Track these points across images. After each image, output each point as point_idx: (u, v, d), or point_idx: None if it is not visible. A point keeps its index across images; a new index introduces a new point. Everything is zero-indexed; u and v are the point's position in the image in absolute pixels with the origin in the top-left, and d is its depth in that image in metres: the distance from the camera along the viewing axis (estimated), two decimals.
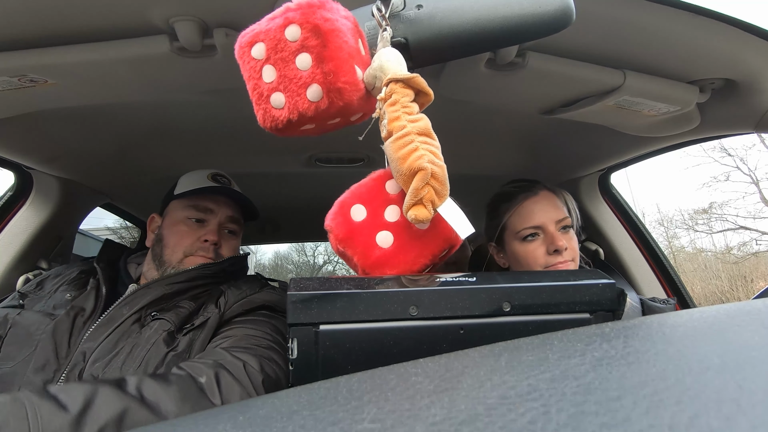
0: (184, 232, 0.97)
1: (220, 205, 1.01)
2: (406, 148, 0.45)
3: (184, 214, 0.98)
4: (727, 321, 0.27)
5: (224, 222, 1.01)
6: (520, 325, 0.41)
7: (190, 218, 0.98)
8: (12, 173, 1.15)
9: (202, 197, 0.99)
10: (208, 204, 0.99)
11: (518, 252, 0.96)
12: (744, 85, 0.83)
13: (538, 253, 0.93)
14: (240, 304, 0.87)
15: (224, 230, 1.01)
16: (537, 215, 0.94)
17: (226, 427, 0.20)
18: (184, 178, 1.05)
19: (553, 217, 0.93)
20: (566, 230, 0.94)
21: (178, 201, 1.00)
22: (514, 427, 0.17)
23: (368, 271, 0.49)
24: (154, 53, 0.69)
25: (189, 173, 1.06)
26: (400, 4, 0.51)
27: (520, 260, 0.96)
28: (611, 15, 0.67)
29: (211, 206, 1.00)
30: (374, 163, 1.35)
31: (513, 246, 0.97)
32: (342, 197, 0.51)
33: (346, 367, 0.38)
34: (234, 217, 1.03)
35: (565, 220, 0.94)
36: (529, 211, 0.95)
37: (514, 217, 0.97)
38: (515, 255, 0.97)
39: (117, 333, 0.79)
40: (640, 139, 1.09)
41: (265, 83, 0.47)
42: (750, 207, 10.48)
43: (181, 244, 0.96)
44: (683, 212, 12.64)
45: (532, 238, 0.94)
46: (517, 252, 0.96)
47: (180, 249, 0.95)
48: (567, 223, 0.94)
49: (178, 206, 1.00)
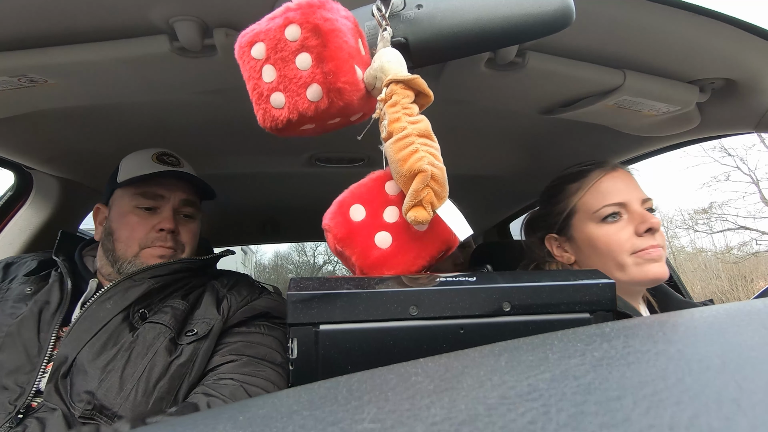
0: (135, 223, 0.88)
1: (172, 189, 0.92)
2: (407, 150, 0.45)
3: (133, 203, 0.89)
4: (727, 321, 0.27)
5: (179, 207, 0.93)
6: (520, 325, 0.41)
7: (139, 207, 0.89)
8: (12, 173, 1.15)
9: (150, 182, 0.90)
10: (157, 190, 0.90)
11: (597, 236, 0.79)
12: (744, 85, 0.84)
13: (623, 235, 0.77)
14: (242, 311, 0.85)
15: (180, 215, 0.94)
16: (620, 191, 0.79)
17: (226, 427, 0.20)
18: (125, 163, 0.94)
19: (638, 195, 0.79)
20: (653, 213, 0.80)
21: (123, 189, 0.91)
22: (514, 427, 0.17)
23: (366, 272, 0.49)
24: (154, 53, 0.69)
25: (130, 155, 0.95)
26: (400, 4, 0.51)
27: (599, 246, 0.79)
28: (611, 15, 0.67)
29: (161, 192, 0.91)
30: (374, 163, 1.35)
31: (588, 230, 0.80)
32: (341, 197, 0.51)
33: (346, 367, 0.38)
34: (189, 200, 0.94)
35: (649, 201, 0.80)
36: (609, 187, 0.80)
37: (589, 196, 0.81)
38: (592, 241, 0.80)
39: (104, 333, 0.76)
40: (640, 139, 1.09)
41: (265, 83, 0.47)
42: (750, 207, 10.49)
43: (134, 236, 0.88)
44: (683, 212, 12.65)
45: (614, 218, 0.78)
46: (594, 237, 0.79)
47: (134, 242, 0.88)
48: (651, 205, 0.80)
49: (124, 195, 0.91)
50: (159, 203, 0.91)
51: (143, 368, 0.72)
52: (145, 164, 0.91)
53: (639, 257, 0.76)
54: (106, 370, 0.72)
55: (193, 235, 0.96)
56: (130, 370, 0.72)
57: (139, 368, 0.72)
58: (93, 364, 0.72)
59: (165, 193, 0.91)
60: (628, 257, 0.76)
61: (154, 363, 0.73)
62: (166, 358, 0.74)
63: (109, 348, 0.74)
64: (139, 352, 0.74)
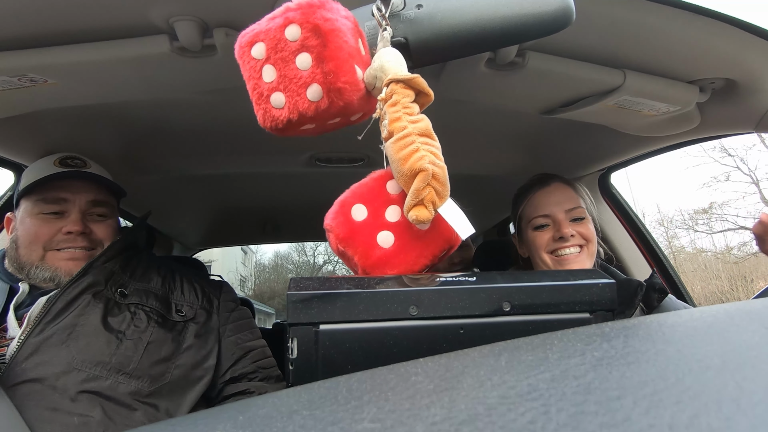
0: (38, 227, 0.86)
1: (77, 192, 0.89)
2: (407, 149, 0.45)
3: (36, 210, 0.87)
4: (727, 321, 0.27)
5: (87, 208, 0.90)
6: (520, 325, 0.41)
7: (43, 213, 0.86)
8: (12, 173, 1.15)
9: (50, 187, 0.87)
10: (60, 193, 0.87)
11: (530, 240, 1.01)
12: (744, 85, 0.83)
13: (544, 240, 0.98)
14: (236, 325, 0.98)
15: (91, 215, 0.91)
16: (546, 205, 0.99)
17: (226, 426, 0.20)
18: (28, 170, 0.91)
19: (562, 207, 0.98)
20: (578, 221, 0.97)
21: (27, 197, 0.88)
22: (514, 426, 0.17)
23: (369, 271, 0.49)
24: (154, 53, 0.69)
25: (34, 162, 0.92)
26: (400, 4, 0.51)
27: (531, 247, 1.01)
28: (611, 15, 0.67)
29: (64, 195, 0.88)
30: (374, 163, 1.35)
31: (527, 234, 1.02)
32: (342, 197, 0.51)
33: (346, 366, 0.38)
34: (98, 200, 0.91)
35: (575, 211, 0.97)
36: (540, 201, 1.00)
37: (528, 207, 1.03)
38: (528, 243, 1.02)
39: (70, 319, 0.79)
40: (640, 139, 1.09)
41: (265, 83, 0.47)
42: (750, 207, 10.45)
43: (38, 240, 0.85)
44: (683, 212, 12.64)
45: (543, 227, 0.99)
46: (529, 240, 1.02)
47: (37, 246, 0.85)
48: (578, 213, 0.97)
49: (27, 203, 0.88)
50: (64, 207, 0.88)
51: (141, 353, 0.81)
52: (46, 169, 0.89)
53: (553, 258, 0.98)
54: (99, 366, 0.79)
55: (111, 232, 0.94)
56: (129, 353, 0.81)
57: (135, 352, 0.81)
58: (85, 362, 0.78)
59: (68, 196, 0.88)
60: (546, 256, 0.98)
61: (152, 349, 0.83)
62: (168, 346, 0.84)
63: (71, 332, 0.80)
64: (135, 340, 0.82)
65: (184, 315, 0.91)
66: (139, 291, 0.89)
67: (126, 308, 0.85)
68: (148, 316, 0.86)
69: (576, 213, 0.98)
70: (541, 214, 0.99)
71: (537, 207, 1.00)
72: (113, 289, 0.87)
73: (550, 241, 0.98)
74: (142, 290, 0.90)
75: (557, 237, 0.96)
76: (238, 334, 0.96)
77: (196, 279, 1.01)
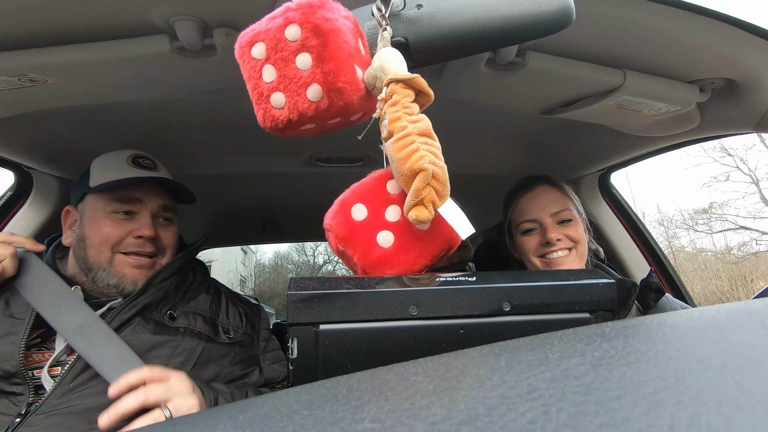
0: (109, 227, 0.84)
1: (150, 194, 0.88)
2: (407, 149, 0.45)
3: (108, 209, 0.85)
4: (727, 321, 0.27)
5: (157, 212, 0.89)
6: (520, 325, 0.41)
7: (116, 212, 0.85)
8: (12, 173, 1.15)
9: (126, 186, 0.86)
10: (135, 193, 0.86)
11: (519, 244, 1.02)
12: (744, 84, 0.83)
13: (533, 244, 0.99)
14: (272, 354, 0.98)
15: (159, 219, 0.90)
16: (532, 210, 0.99)
17: (226, 426, 0.20)
18: (98, 165, 0.89)
19: (548, 211, 0.98)
20: (565, 223, 0.97)
21: (97, 194, 0.86)
22: (514, 426, 0.17)
23: (368, 271, 0.49)
24: (154, 53, 0.69)
25: (102, 157, 0.90)
26: (400, 4, 0.51)
27: (521, 251, 1.02)
28: (611, 15, 0.67)
29: (139, 195, 0.87)
30: (374, 162, 1.35)
31: (516, 239, 1.03)
32: (342, 196, 0.51)
33: (346, 366, 0.38)
34: (167, 205, 0.92)
35: (562, 213, 0.98)
36: (526, 206, 1.01)
37: (515, 213, 1.03)
38: (518, 248, 1.03)
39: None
40: (640, 139, 1.09)
41: (265, 83, 0.47)
42: (750, 207, 10.48)
43: (108, 241, 0.84)
44: (683, 212, 12.64)
45: (530, 231, 1.00)
46: (518, 244, 1.03)
47: (107, 247, 0.84)
48: (565, 216, 0.98)
49: (98, 200, 0.86)
50: (136, 208, 0.87)
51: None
52: (120, 168, 0.87)
53: (543, 261, 0.99)
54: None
55: (174, 239, 0.94)
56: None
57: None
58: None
59: (143, 197, 0.87)
60: (536, 259, 0.99)
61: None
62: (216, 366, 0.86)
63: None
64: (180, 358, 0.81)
65: (231, 338, 0.91)
66: (187, 313, 0.89)
67: (175, 331, 0.84)
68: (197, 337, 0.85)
69: (562, 216, 0.97)
70: (527, 219, 0.99)
71: (523, 212, 1.01)
72: (163, 312, 0.86)
73: (538, 246, 0.98)
74: (191, 312, 0.89)
75: (544, 242, 0.97)
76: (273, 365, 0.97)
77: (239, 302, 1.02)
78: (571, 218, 0.98)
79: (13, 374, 0.72)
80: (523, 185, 1.04)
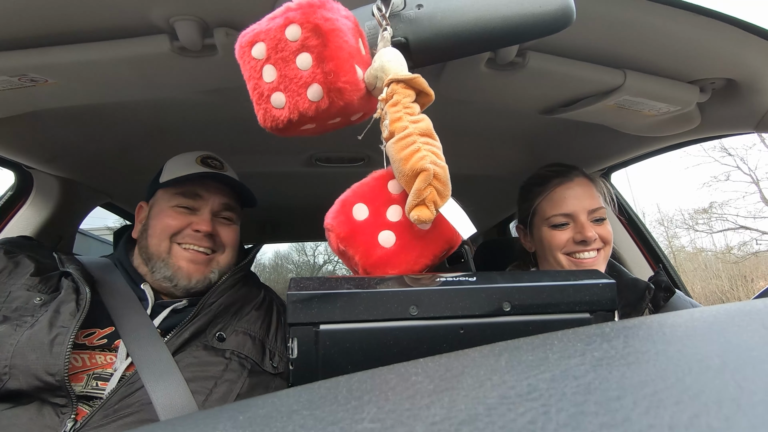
0: (170, 218, 0.88)
1: (212, 192, 0.92)
2: (409, 149, 0.45)
3: (172, 203, 0.90)
4: (727, 321, 0.27)
5: (218, 210, 0.93)
6: (520, 325, 0.41)
7: (179, 206, 0.90)
8: (12, 173, 1.15)
9: (190, 183, 0.91)
10: (197, 189, 0.91)
11: (545, 237, 0.93)
12: (744, 85, 0.83)
13: (563, 239, 0.91)
14: None
15: (218, 218, 0.93)
16: (569, 202, 0.91)
17: (226, 426, 0.20)
18: (170, 163, 0.95)
19: (586, 206, 0.90)
20: (599, 222, 0.91)
21: (165, 189, 0.92)
22: (514, 426, 0.17)
23: (369, 271, 0.49)
24: (154, 53, 0.69)
25: (176, 157, 0.96)
26: (401, 4, 0.51)
27: (545, 245, 0.94)
28: (611, 15, 0.67)
29: (200, 192, 0.91)
30: (374, 162, 1.35)
31: (541, 231, 0.95)
32: (343, 196, 0.51)
33: (346, 366, 0.38)
34: (228, 204, 0.94)
35: (598, 211, 0.91)
36: (561, 197, 0.92)
37: (546, 203, 0.94)
38: (541, 240, 0.95)
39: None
40: (641, 139, 1.09)
41: (266, 83, 0.47)
42: (750, 207, 10.46)
43: (167, 230, 0.87)
44: (683, 212, 12.63)
45: (562, 226, 0.91)
46: (544, 237, 0.94)
47: (165, 235, 0.87)
48: (600, 214, 0.91)
49: (165, 195, 0.92)
50: (198, 203, 0.91)
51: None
52: (188, 166, 0.92)
53: (570, 259, 0.91)
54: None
55: (234, 238, 0.95)
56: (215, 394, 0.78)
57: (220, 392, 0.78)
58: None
59: (204, 194, 0.91)
60: (562, 256, 0.92)
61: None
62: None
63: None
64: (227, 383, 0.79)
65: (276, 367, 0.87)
66: (237, 333, 0.87)
67: (222, 354, 0.82)
68: (242, 365, 0.82)
69: (598, 214, 0.90)
70: (562, 213, 0.91)
71: (557, 204, 0.91)
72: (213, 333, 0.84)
73: (570, 243, 0.90)
74: (241, 332, 0.87)
75: (578, 240, 0.89)
76: None
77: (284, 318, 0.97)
78: (605, 217, 0.92)
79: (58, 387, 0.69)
80: (558, 173, 0.95)
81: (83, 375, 0.73)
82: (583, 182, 0.94)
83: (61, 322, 0.72)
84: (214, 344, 0.83)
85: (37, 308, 0.75)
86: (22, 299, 0.76)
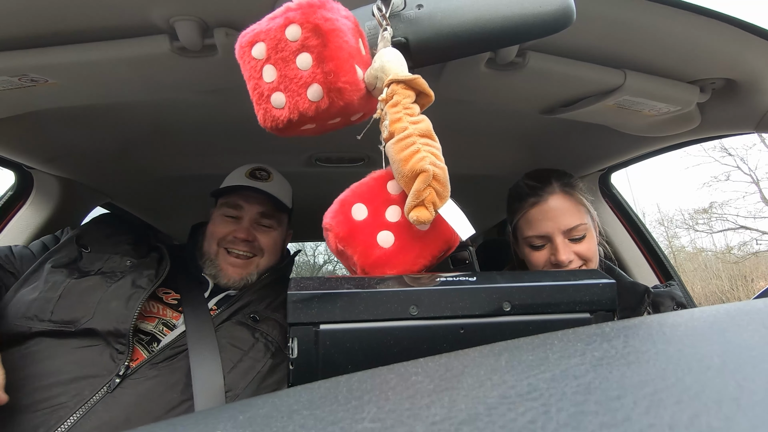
0: (219, 224, 1.04)
1: (250, 202, 1.05)
2: (408, 150, 0.45)
3: (221, 212, 1.06)
4: (727, 321, 0.27)
5: (256, 218, 1.06)
6: (520, 325, 0.41)
7: (226, 215, 1.05)
8: (12, 173, 1.15)
9: (235, 194, 1.05)
10: (239, 200, 1.05)
11: (526, 255, 0.96)
12: (744, 85, 0.83)
13: (541, 259, 0.91)
14: None
15: (258, 225, 1.06)
16: (543, 224, 0.90)
17: (227, 426, 0.20)
18: (229, 175, 1.10)
19: (560, 227, 0.89)
20: (578, 240, 0.89)
21: (220, 198, 1.08)
22: (514, 426, 0.17)
23: (368, 271, 0.49)
24: (154, 53, 0.69)
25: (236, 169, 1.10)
26: (401, 4, 0.51)
27: (527, 261, 0.96)
28: (611, 15, 0.67)
29: (241, 202, 1.04)
30: (374, 162, 1.35)
31: (522, 248, 0.97)
32: (342, 196, 0.51)
33: (347, 366, 0.38)
34: (265, 212, 1.06)
35: (577, 229, 0.88)
36: (536, 219, 0.91)
37: (523, 222, 0.94)
38: (524, 255, 0.97)
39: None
40: (641, 139, 1.09)
41: (266, 83, 0.47)
42: (750, 207, 10.46)
43: (215, 235, 1.03)
44: (683, 212, 12.63)
45: (540, 247, 0.91)
46: (525, 254, 0.96)
47: (214, 240, 1.02)
48: (579, 232, 0.89)
49: (219, 203, 1.08)
50: (240, 212, 1.05)
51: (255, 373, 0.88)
52: (238, 178, 1.06)
53: None
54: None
55: (273, 243, 1.07)
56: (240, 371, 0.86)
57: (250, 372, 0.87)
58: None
59: (245, 204, 1.05)
60: None
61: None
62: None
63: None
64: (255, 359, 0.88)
65: None
66: (269, 320, 0.96)
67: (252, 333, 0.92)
68: (267, 348, 0.91)
69: (576, 232, 0.88)
70: (537, 235, 0.90)
71: (533, 226, 0.91)
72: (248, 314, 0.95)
73: (547, 263, 0.90)
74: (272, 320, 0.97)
75: (554, 261, 0.89)
76: None
77: None
78: (584, 234, 0.89)
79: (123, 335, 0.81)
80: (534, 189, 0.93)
81: (155, 318, 0.90)
82: (559, 199, 0.91)
83: (141, 283, 0.88)
84: (248, 322, 0.94)
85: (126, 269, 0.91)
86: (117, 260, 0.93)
